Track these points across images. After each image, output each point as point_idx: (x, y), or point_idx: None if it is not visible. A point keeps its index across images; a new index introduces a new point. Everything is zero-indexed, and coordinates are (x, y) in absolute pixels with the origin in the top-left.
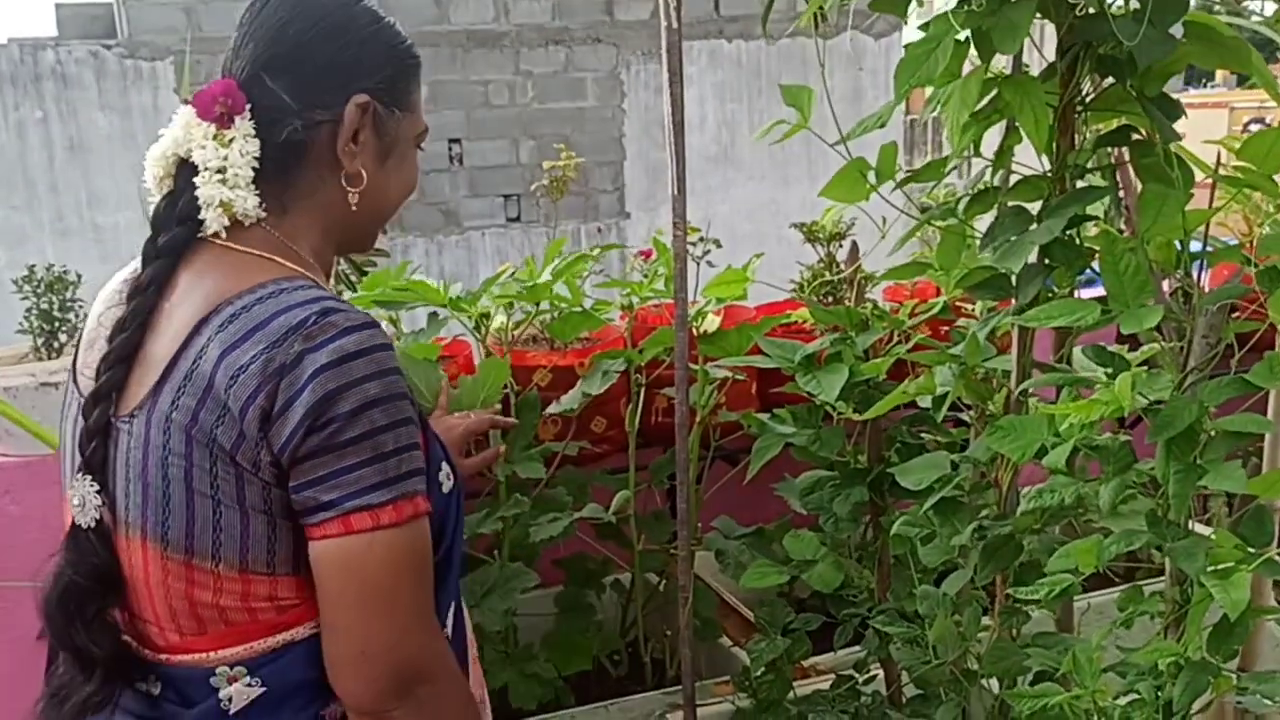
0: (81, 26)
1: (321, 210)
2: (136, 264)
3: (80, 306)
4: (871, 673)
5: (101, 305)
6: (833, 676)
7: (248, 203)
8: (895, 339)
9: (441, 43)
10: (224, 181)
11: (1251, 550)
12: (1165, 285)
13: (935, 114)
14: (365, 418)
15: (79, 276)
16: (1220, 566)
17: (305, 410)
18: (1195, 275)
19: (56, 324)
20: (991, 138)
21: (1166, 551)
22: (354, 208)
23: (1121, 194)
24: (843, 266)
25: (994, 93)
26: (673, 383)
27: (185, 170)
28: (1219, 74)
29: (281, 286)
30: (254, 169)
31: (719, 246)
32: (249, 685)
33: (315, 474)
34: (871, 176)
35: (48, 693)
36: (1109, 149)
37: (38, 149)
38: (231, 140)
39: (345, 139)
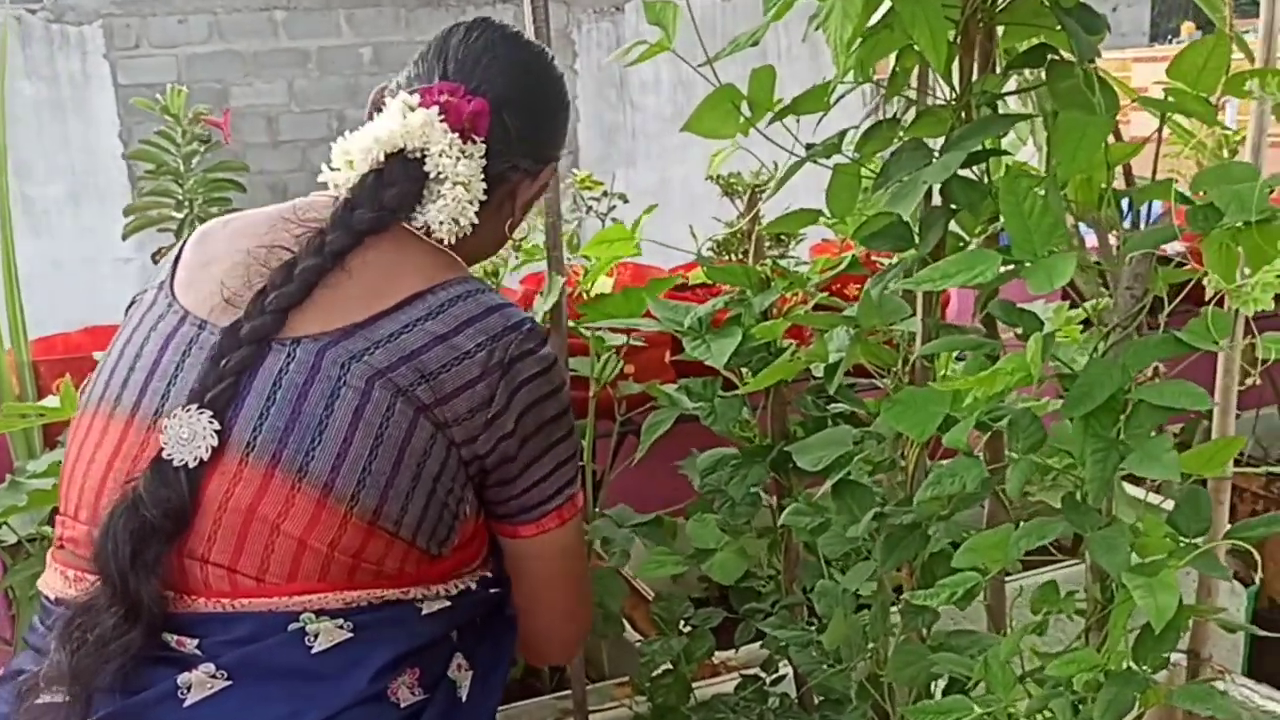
0: None
1: (478, 239)
2: (291, 203)
3: None
4: (780, 672)
5: (244, 239)
6: (739, 677)
7: (471, 221)
8: (798, 299)
9: (384, 2)
10: (469, 200)
11: (1184, 541)
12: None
13: (817, 30)
14: (566, 420)
15: None
16: (1146, 560)
17: (520, 411)
18: (1130, 218)
19: None
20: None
21: (1085, 543)
22: (504, 249)
23: None
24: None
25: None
26: (573, 351)
27: (400, 161)
28: (1184, 29)
29: (479, 287)
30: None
31: (625, 202)
32: (339, 628)
33: (534, 474)
34: (745, 108)
35: (83, 638)
36: (1025, 70)
37: None
38: (470, 156)
39: (533, 194)
